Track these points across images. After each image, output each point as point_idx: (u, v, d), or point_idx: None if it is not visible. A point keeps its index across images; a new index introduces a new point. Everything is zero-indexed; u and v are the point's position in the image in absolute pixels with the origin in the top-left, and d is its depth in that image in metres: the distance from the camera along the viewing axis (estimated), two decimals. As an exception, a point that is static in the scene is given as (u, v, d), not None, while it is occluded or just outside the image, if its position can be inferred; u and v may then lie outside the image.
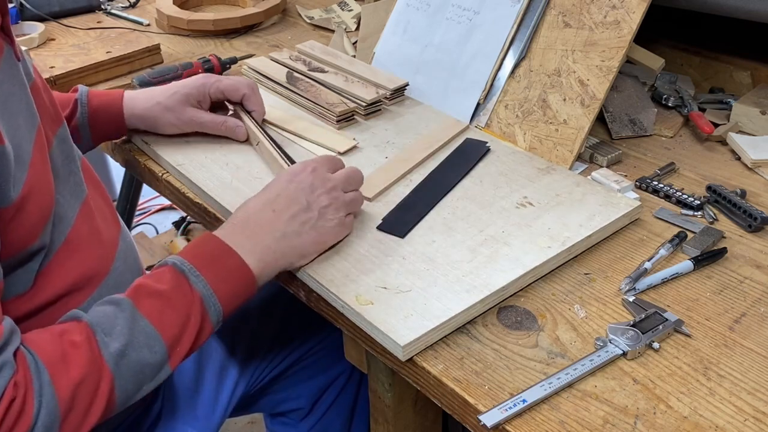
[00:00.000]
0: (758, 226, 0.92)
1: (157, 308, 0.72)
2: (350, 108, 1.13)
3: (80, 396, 0.66)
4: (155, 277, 0.75)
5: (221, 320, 0.77)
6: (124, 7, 1.59)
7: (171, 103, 1.03)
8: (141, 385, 0.72)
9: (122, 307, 0.72)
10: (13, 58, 0.74)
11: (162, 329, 0.72)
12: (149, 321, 0.72)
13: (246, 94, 1.05)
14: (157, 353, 0.72)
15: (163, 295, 0.73)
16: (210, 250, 0.78)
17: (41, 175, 0.73)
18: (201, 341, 0.76)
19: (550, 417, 0.68)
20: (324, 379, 1.17)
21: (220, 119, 1.04)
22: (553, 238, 0.87)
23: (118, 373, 0.69)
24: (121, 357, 0.69)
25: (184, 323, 0.73)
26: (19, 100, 0.72)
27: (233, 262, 0.77)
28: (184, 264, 0.75)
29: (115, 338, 0.69)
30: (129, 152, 1.11)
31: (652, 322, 0.76)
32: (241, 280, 0.77)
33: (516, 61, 1.10)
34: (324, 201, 0.83)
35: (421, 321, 0.75)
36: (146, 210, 2.58)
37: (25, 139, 0.71)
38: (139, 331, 0.71)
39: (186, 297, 0.74)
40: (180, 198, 1.03)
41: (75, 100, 1.02)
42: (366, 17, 1.34)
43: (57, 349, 0.67)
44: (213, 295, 0.75)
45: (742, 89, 1.22)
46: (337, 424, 1.19)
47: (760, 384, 0.71)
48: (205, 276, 0.75)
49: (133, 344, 0.70)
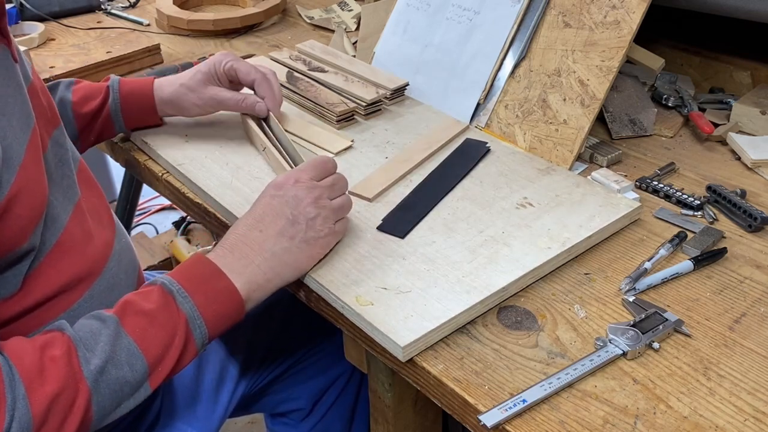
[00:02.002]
0: (758, 226, 0.92)
1: (141, 327, 0.72)
2: (350, 108, 1.13)
3: (54, 410, 0.66)
4: (143, 295, 0.75)
5: (206, 343, 0.77)
6: (124, 7, 1.59)
7: (193, 83, 1.04)
8: (119, 402, 0.72)
9: (107, 323, 0.72)
10: (9, 59, 0.74)
11: (145, 348, 0.72)
12: (132, 339, 0.71)
13: (256, 80, 1.03)
14: (138, 372, 0.71)
15: (149, 314, 0.73)
16: (199, 272, 0.77)
17: (33, 176, 0.72)
18: (184, 363, 0.75)
19: (550, 417, 0.68)
20: (324, 380, 1.17)
21: (240, 96, 1.04)
22: (553, 238, 0.87)
23: (96, 390, 0.69)
24: (101, 374, 0.69)
25: (167, 344, 0.73)
26: (14, 102, 0.72)
27: (222, 284, 0.77)
28: (173, 284, 0.75)
29: (96, 354, 0.69)
30: (129, 152, 1.11)
31: (652, 322, 0.76)
32: (228, 304, 0.77)
33: (516, 61, 1.10)
34: (311, 212, 0.81)
35: (421, 322, 0.75)
36: (146, 210, 2.58)
37: (18, 140, 0.71)
38: (121, 348, 0.71)
39: (172, 317, 0.74)
40: (180, 198, 1.03)
41: (107, 87, 1.03)
42: (366, 17, 1.34)
43: (36, 361, 0.67)
44: (200, 317, 0.75)
45: (742, 89, 1.22)
46: (337, 425, 1.19)
47: (760, 384, 0.71)
48: (193, 298, 0.75)
49: (113, 361, 0.70)
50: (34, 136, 0.74)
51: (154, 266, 2.03)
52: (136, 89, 1.05)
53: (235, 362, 1.08)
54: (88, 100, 1.03)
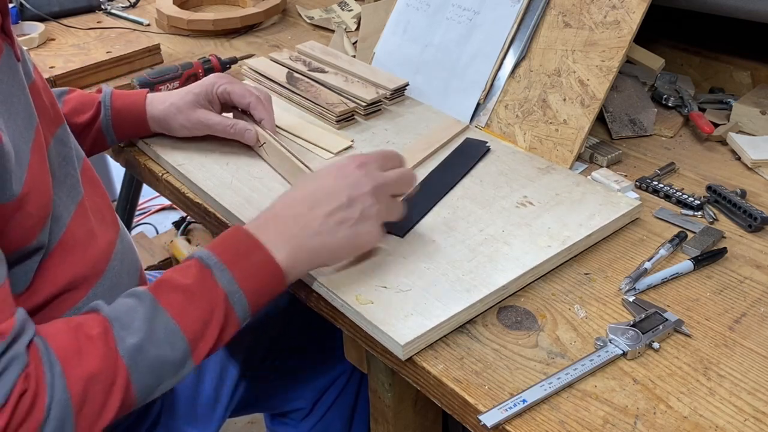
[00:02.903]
0: (758, 226, 0.92)
1: (179, 303, 0.71)
2: (350, 108, 1.13)
3: (94, 390, 0.65)
4: (180, 271, 0.74)
5: (248, 316, 0.75)
6: (124, 7, 1.59)
7: (182, 104, 1.02)
8: (161, 380, 0.71)
9: (143, 301, 0.71)
10: (12, 58, 0.74)
11: (183, 324, 0.71)
12: (170, 316, 0.70)
13: (251, 103, 1.02)
14: (178, 349, 0.70)
15: (187, 290, 0.72)
16: (238, 245, 0.75)
17: (39, 175, 0.72)
18: (226, 337, 0.74)
19: (550, 417, 0.68)
20: (324, 380, 1.17)
21: (229, 122, 1.02)
22: (553, 237, 0.87)
23: (135, 368, 0.68)
24: (138, 352, 0.68)
25: (207, 319, 0.72)
26: (18, 101, 0.72)
27: (261, 257, 0.75)
28: (210, 258, 0.73)
29: (132, 333, 0.68)
30: (129, 153, 1.11)
31: (652, 322, 0.76)
32: (269, 277, 0.75)
33: (516, 61, 1.10)
34: (368, 201, 0.78)
35: (421, 320, 0.75)
36: (146, 210, 2.58)
37: (24, 140, 0.71)
38: (158, 326, 0.70)
39: (210, 292, 0.72)
40: (180, 198, 1.03)
41: (98, 103, 1.02)
42: (366, 17, 1.34)
43: (72, 341, 0.66)
44: (239, 290, 0.73)
45: (742, 89, 1.22)
46: (337, 425, 1.19)
47: (760, 384, 0.71)
48: (232, 271, 0.73)
49: (151, 339, 0.69)
50: (38, 136, 0.74)
51: (154, 266, 2.03)
52: (128, 105, 1.03)
53: (235, 363, 1.08)
54: (78, 113, 1.02)
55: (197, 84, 1.04)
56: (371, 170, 0.80)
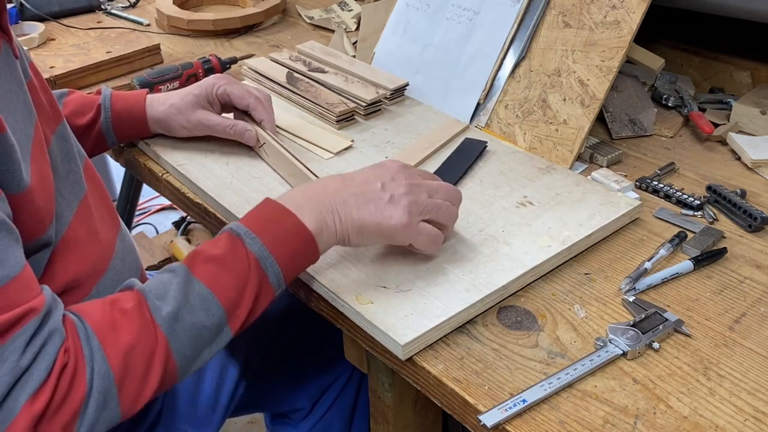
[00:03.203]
0: (758, 226, 0.92)
1: (212, 272, 0.72)
2: (350, 108, 1.13)
3: (134, 361, 0.66)
4: (212, 243, 0.75)
5: (283, 283, 0.75)
6: (124, 7, 1.59)
7: (182, 105, 1.02)
8: (201, 349, 0.71)
9: (177, 273, 0.72)
10: (11, 55, 0.74)
11: (218, 292, 0.71)
12: (204, 284, 0.71)
13: (251, 104, 1.03)
14: (214, 316, 0.71)
15: (218, 259, 0.72)
16: (267, 214, 0.77)
17: (43, 170, 0.73)
18: (262, 304, 0.75)
19: (550, 417, 0.68)
20: (324, 380, 1.17)
21: (229, 122, 1.02)
22: (553, 237, 0.87)
23: (173, 337, 0.69)
24: (175, 320, 0.69)
25: (241, 286, 0.72)
26: (17, 98, 0.72)
27: (290, 222, 0.75)
28: (240, 228, 0.74)
29: (167, 302, 0.69)
30: (129, 153, 1.11)
31: (652, 322, 0.76)
32: (299, 241, 0.75)
33: (516, 61, 1.10)
34: (401, 189, 0.79)
35: (421, 320, 0.75)
36: (146, 210, 2.57)
37: (24, 135, 0.71)
38: (193, 294, 0.70)
39: (242, 260, 0.73)
40: (180, 198, 1.03)
41: (98, 105, 1.02)
42: (366, 17, 1.34)
43: (106, 316, 0.67)
44: (270, 256, 0.73)
45: (742, 89, 1.22)
46: (337, 425, 1.19)
47: (760, 384, 0.71)
48: (261, 238, 0.74)
49: (186, 307, 0.70)
50: (38, 132, 0.74)
51: (154, 266, 2.03)
52: (128, 107, 1.03)
53: (235, 363, 1.08)
54: (78, 115, 1.02)
55: (197, 85, 1.04)
56: (412, 172, 0.82)
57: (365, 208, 0.78)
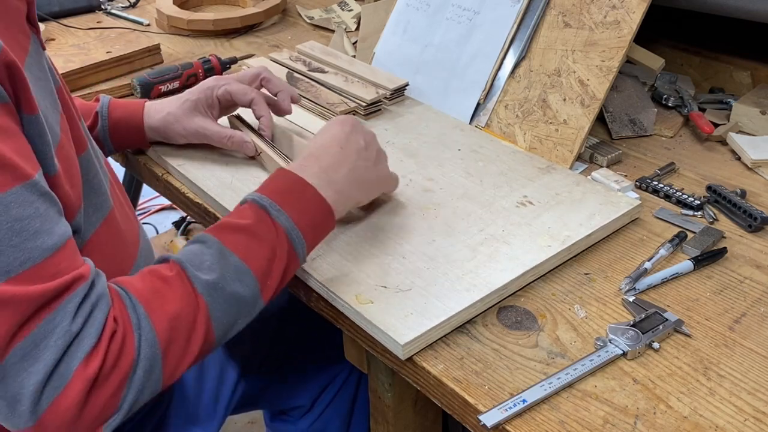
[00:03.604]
0: (758, 226, 0.92)
1: (243, 243, 0.73)
2: (350, 108, 1.13)
3: (178, 328, 0.67)
4: (237, 214, 0.76)
5: (306, 253, 0.77)
6: (124, 7, 1.59)
7: (180, 112, 1.01)
8: (236, 318, 0.72)
9: (209, 244, 0.73)
10: (39, 46, 0.75)
11: (250, 263, 0.72)
12: (237, 256, 0.72)
13: (254, 99, 1.01)
14: (249, 286, 0.72)
15: (248, 229, 0.74)
16: (286, 185, 0.79)
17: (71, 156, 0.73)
18: (289, 274, 0.76)
19: (550, 417, 0.68)
20: (324, 377, 1.17)
21: (226, 133, 1.01)
22: (553, 237, 0.87)
23: (213, 305, 0.70)
24: (215, 289, 0.70)
25: (271, 256, 0.74)
26: (45, 87, 0.73)
27: (309, 194, 0.78)
28: (263, 199, 0.76)
29: (205, 272, 0.70)
30: (129, 153, 1.11)
31: (652, 322, 0.76)
32: (319, 212, 0.78)
33: (516, 61, 1.10)
34: (375, 145, 0.87)
35: (421, 320, 0.75)
36: (146, 210, 2.58)
37: (54, 121, 0.71)
38: (228, 265, 0.71)
39: (270, 231, 0.74)
40: (180, 198, 1.03)
41: (96, 113, 1.01)
42: (366, 17, 1.34)
43: (148, 285, 0.68)
44: (295, 227, 0.75)
45: (742, 89, 1.22)
46: (336, 422, 1.19)
47: (760, 384, 0.71)
48: (285, 209, 0.75)
49: (224, 277, 0.71)
50: (63, 121, 0.74)
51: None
52: (126, 115, 1.02)
53: (235, 363, 1.08)
54: None
55: (195, 90, 1.02)
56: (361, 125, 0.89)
57: (369, 171, 0.85)
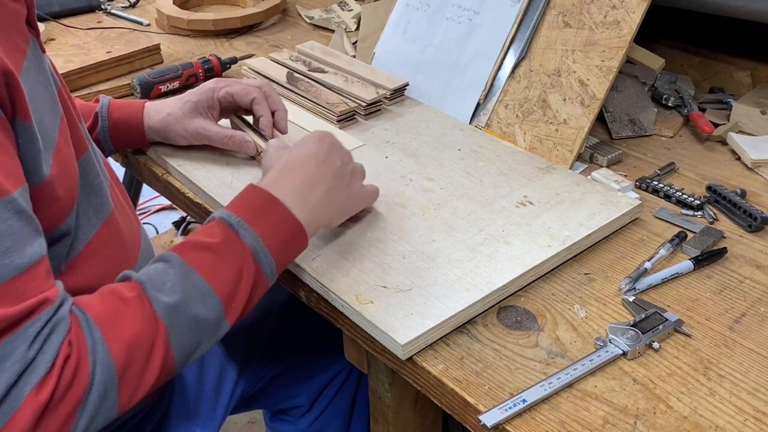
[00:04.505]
0: (758, 226, 0.92)
1: (208, 263, 0.71)
2: (350, 108, 1.13)
3: (135, 352, 0.65)
4: (204, 232, 0.74)
5: (275, 274, 0.75)
6: (124, 7, 1.59)
7: (180, 113, 1.00)
8: (199, 341, 0.71)
9: (172, 263, 0.71)
10: (38, 49, 0.75)
11: (215, 284, 0.71)
12: (201, 276, 0.70)
13: (255, 98, 1.01)
14: (212, 308, 0.70)
15: (214, 249, 0.72)
16: (257, 202, 0.76)
17: (67, 159, 0.72)
18: (257, 296, 0.74)
19: (550, 417, 0.68)
20: (323, 377, 1.17)
21: (227, 133, 1.01)
22: (553, 237, 0.87)
23: (173, 328, 0.68)
24: (175, 312, 0.68)
25: (237, 277, 0.72)
26: (44, 89, 0.72)
27: (280, 213, 0.76)
28: (231, 217, 0.74)
29: (167, 293, 0.68)
30: (129, 152, 1.11)
31: (652, 322, 0.76)
32: (290, 232, 0.76)
33: (516, 61, 1.10)
34: (351, 164, 0.86)
35: (421, 320, 0.75)
36: (146, 210, 2.58)
37: (51, 125, 0.71)
38: (191, 286, 0.70)
39: (237, 251, 0.72)
40: (180, 198, 1.03)
41: (96, 114, 1.01)
42: (366, 17, 1.34)
43: (107, 306, 0.67)
44: (264, 247, 0.73)
45: (742, 89, 1.22)
46: (336, 421, 1.19)
47: (760, 384, 0.71)
48: (255, 229, 0.74)
49: (186, 299, 0.69)
50: (63, 123, 0.74)
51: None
52: (125, 116, 1.02)
53: (234, 363, 1.08)
54: None
55: (196, 91, 1.02)
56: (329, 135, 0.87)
57: (343, 191, 0.83)
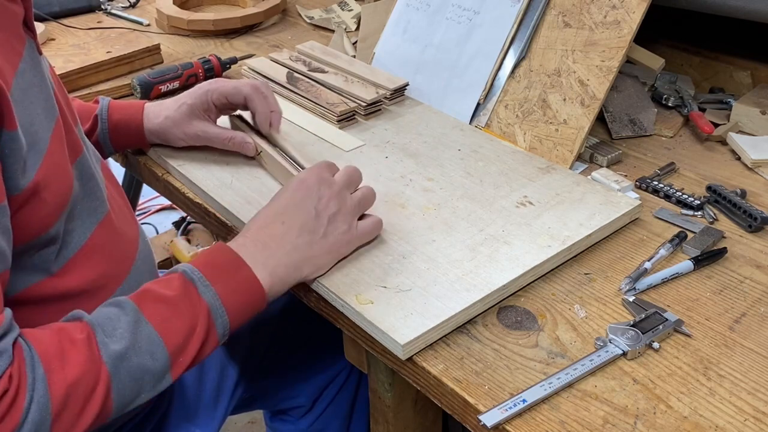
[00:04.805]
0: (758, 226, 0.92)
1: (162, 315, 0.71)
2: (351, 108, 1.13)
3: (74, 395, 0.64)
4: (163, 283, 0.74)
5: (227, 333, 0.75)
6: (124, 7, 1.59)
7: (178, 116, 1.00)
8: (139, 392, 0.70)
9: (126, 310, 0.70)
10: (35, 51, 0.75)
11: (166, 336, 0.70)
12: (153, 326, 0.70)
13: (248, 95, 1.00)
14: (159, 360, 0.70)
15: (170, 301, 0.72)
16: (221, 261, 0.76)
17: (59, 163, 0.72)
18: (205, 353, 0.74)
19: (550, 417, 0.68)
20: (324, 377, 1.17)
21: (227, 134, 1.01)
22: (553, 237, 0.87)
23: (117, 376, 0.67)
24: (121, 360, 0.67)
25: (189, 333, 0.71)
26: (40, 91, 0.72)
27: (244, 274, 0.76)
28: (194, 272, 0.74)
29: (116, 340, 0.68)
30: (129, 153, 1.11)
31: (652, 322, 0.76)
32: (250, 294, 0.76)
33: (516, 61, 1.10)
34: (333, 208, 0.81)
35: (421, 320, 0.75)
36: (146, 210, 2.57)
37: (44, 128, 0.70)
38: (141, 335, 0.69)
39: (193, 306, 0.72)
40: (180, 198, 1.03)
41: (95, 116, 1.01)
42: (366, 17, 1.34)
43: (55, 345, 0.65)
44: (221, 306, 0.73)
45: (742, 89, 1.22)
46: (336, 421, 1.19)
47: (760, 384, 0.71)
48: (215, 287, 0.73)
49: (134, 348, 0.68)
50: (58, 127, 0.73)
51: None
52: (125, 118, 1.02)
53: (234, 364, 1.08)
54: None
55: (191, 94, 1.01)
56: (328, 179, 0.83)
57: (315, 245, 0.80)
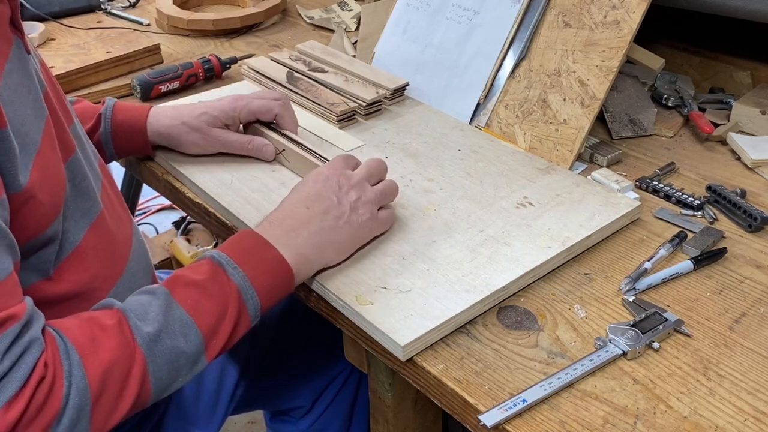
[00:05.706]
0: (758, 226, 0.92)
1: (193, 298, 0.72)
2: (351, 108, 1.13)
3: (111, 379, 0.65)
4: (192, 268, 0.75)
5: (259, 314, 0.76)
6: (124, 7, 1.59)
7: (197, 123, 1.00)
8: (176, 374, 0.71)
9: (157, 295, 0.71)
10: (23, 51, 0.74)
11: (198, 319, 0.71)
12: (185, 309, 0.71)
13: (279, 114, 1.02)
14: (193, 342, 0.71)
15: (200, 285, 0.72)
16: (248, 245, 0.77)
17: (51, 162, 0.72)
18: (238, 334, 0.75)
19: (550, 417, 0.68)
20: (324, 378, 1.17)
21: (246, 139, 1.01)
22: (553, 238, 0.87)
23: (152, 358, 0.68)
24: (155, 342, 0.68)
25: (220, 314, 0.72)
26: (28, 92, 0.72)
27: (271, 255, 0.77)
28: (222, 257, 0.75)
29: (148, 323, 0.69)
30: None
31: (652, 322, 0.76)
32: (279, 274, 0.77)
33: (516, 61, 1.10)
34: (353, 195, 0.84)
35: (421, 321, 0.75)
36: (146, 210, 2.58)
37: (34, 128, 0.70)
38: (173, 318, 0.70)
39: (223, 288, 0.73)
40: (180, 198, 1.03)
41: (99, 114, 1.01)
42: (366, 17, 1.34)
43: (86, 331, 0.66)
44: (251, 288, 0.74)
45: (742, 89, 1.22)
46: (336, 422, 1.19)
47: (760, 384, 0.71)
48: (243, 269, 0.74)
49: (167, 330, 0.69)
50: (48, 126, 0.73)
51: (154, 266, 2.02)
52: (129, 119, 1.01)
53: (235, 364, 1.08)
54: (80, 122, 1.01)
55: (212, 106, 1.02)
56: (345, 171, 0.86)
57: (338, 230, 0.82)
